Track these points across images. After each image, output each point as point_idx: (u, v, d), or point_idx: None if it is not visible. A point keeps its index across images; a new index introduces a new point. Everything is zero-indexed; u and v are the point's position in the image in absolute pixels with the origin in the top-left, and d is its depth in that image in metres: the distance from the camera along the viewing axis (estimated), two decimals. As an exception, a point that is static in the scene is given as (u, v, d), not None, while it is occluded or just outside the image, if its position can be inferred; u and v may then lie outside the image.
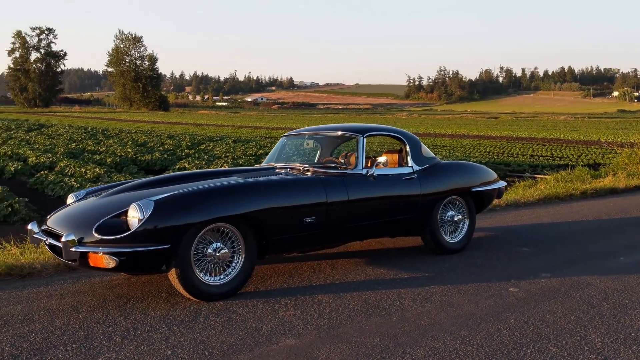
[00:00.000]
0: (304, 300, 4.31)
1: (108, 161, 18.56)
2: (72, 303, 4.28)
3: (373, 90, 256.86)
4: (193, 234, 4.13)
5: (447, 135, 39.14)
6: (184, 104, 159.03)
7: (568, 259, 5.62)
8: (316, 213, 4.72)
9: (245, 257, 4.44)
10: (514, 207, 9.01)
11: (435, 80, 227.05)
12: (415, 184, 5.47)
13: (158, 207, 3.99)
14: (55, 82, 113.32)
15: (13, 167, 16.69)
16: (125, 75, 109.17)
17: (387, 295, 4.46)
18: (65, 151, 21.54)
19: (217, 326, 3.78)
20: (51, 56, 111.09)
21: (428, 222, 5.60)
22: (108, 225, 4.03)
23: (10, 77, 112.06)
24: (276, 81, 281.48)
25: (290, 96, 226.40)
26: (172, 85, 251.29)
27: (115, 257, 3.88)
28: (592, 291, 4.56)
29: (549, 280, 4.85)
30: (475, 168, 6.23)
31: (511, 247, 6.11)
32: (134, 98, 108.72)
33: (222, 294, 4.31)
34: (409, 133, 5.90)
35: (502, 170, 15.79)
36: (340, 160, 5.80)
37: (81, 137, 30.07)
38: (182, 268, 4.09)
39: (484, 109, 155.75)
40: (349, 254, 5.81)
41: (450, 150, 24.91)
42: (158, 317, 3.94)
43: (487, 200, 6.29)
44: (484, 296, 4.43)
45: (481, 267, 5.30)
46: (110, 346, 3.45)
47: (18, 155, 20.74)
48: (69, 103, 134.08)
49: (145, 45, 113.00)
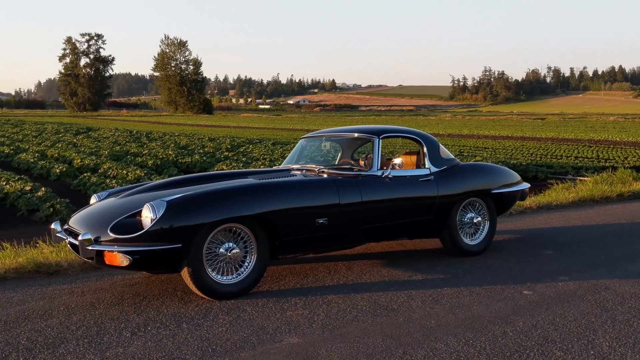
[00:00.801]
0: (313, 300, 4.36)
1: (149, 163, 18.97)
2: (91, 300, 4.45)
3: (416, 92, 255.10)
4: (205, 233, 4.23)
5: (490, 136, 38.51)
6: (227, 107, 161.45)
7: (591, 262, 5.51)
8: (328, 214, 4.77)
9: (257, 258, 4.51)
10: (545, 209, 8.84)
11: (480, 81, 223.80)
12: (432, 186, 5.45)
13: (170, 207, 4.11)
14: (103, 86, 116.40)
15: (59, 169, 17.27)
16: (171, 80, 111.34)
17: (398, 296, 4.47)
18: (109, 154, 22.12)
19: (225, 324, 3.87)
20: (100, 61, 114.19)
21: (446, 224, 5.57)
22: (123, 224, 4.18)
23: (61, 82, 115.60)
24: (318, 83, 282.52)
25: (332, 98, 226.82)
26: (216, 89, 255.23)
27: (129, 255, 4.02)
28: (609, 295, 4.47)
29: (565, 284, 4.77)
30: (495, 169, 6.16)
31: (534, 250, 6.02)
32: (179, 102, 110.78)
33: (234, 292, 4.40)
34: (427, 134, 5.88)
35: (544, 172, 15.46)
36: (360, 162, 5.83)
37: (125, 140, 30.80)
38: (194, 267, 4.20)
39: (531, 109, 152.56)
40: (367, 255, 5.83)
41: (492, 152, 24.53)
42: (170, 315, 4.06)
43: (509, 202, 6.21)
44: (495, 299, 4.39)
45: (499, 270, 5.25)
46: (119, 342, 3.58)
47: (64, 157, 21.40)
48: (117, 107, 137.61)
49: (190, 50, 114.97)
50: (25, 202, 10.85)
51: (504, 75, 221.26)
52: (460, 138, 34.32)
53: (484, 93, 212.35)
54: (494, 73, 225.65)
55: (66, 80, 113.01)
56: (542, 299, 4.38)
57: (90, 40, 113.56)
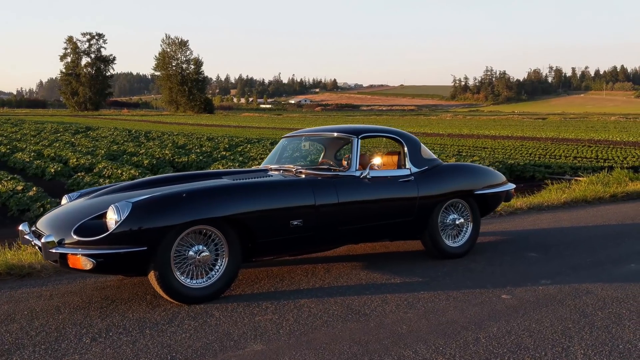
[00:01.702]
0: (285, 305, 4.24)
1: (145, 163, 18.84)
2: (58, 304, 4.33)
3: (418, 91, 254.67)
4: (173, 236, 4.11)
5: (490, 136, 38.32)
6: (228, 107, 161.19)
7: (575, 265, 5.38)
8: (304, 216, 4.65)
9: (229, 260, 4.40)
10: (536, 210, 8.71)
11: (482, 81, 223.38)
12: (412, 186, 5.32)
13: (136, 209, 3.99)
14: (104, 85, 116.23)
15: (53, 168, 17.18)
16: (172, 79, 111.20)
17: (372, 300, 4.34)
18: (106, 153, 22.00)
19: (190, 329, 3.75)
20: (101, 61, 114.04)
21: (427, 225, 5.45)
22: (87, 226, 4.06)
23: (62, 82, 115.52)
24: (320, 83, 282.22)
25: (333, 98, 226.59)
26: (217, 89, 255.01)
27: (92, 258, 3.90)
28: (590, 300, 4.34)
29: (546, 288, 4.64)
30: (478, 170, 6.04)
31: (519, 252, 5.89)
32: (180, 101, 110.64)
33: (204, 297, 4.29)
34: (408, 134, 5.75)
35: (542, 173, 15.29)
36: (343, 162, 5.71)
37: (124, 140, 30.67)
38: (161, 270, 4.08)
39: (532, 109, 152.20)
40: (347, 258, 5.71)
41: (491, 151, 24.34)
42: (135, 320, 3.94)
43: (493, 203, 6.09)
44: (472, 303, 4.27)
45: (480, 273, 5.13)
46: (77, 348, 3.46)
47: (60, 157, 21.29)
48: (118, 106, 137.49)
49: (191, 49, 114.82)
50: (16, 202, 10.75)
51: (506, 75, 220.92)
52: (459, 138, 34.16)
53: (486, 93, 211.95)
54: (496, 73, 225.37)
55: (67, 79, 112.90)
56: (520, 304, 4.25)
57: (91, 39, 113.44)
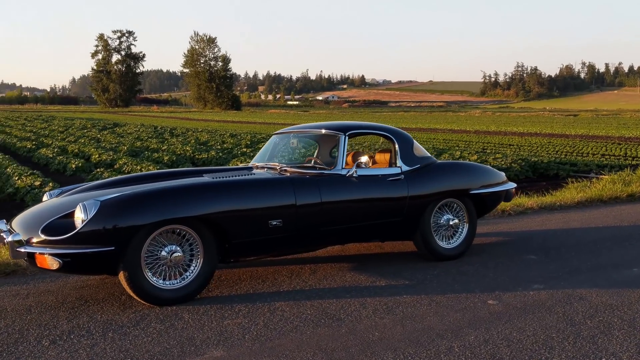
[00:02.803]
0: (259, 308, 4.10)
1: (165, 159, 18.89)
2: (31, 303, 4.25)
3: (447, 87, 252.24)
4: (143, 236, 4.00)
5: (517, 133, 37.61)
6: (256, 104, 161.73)
7: (574, 268, 5.13)
8: (283, 216, 4.49)
9: (204, 261, 4.27)
10: (547, 210, 8.41)
11: (513, 77, 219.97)
12: (401, 186, 5.12)
13: (104, 208, 3.89)
14: (134, 82, 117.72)
15: (75, 164, 17.33)
16: (200, 76, 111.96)
17: (350, 304, 4.17)
18: (129, 149, 22.15)
19: (154, 333, 3.63)
20: (131, 58, 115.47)
21: (419, 226, 5.25)
22: (55, 225, 3.97)
23: (94, 79, 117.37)
24: (348, 79, 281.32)
25: (361, 94, 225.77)
26: (245, 85, 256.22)
27: (59, 258, 3.81)
28: (581, 307, 4.10)
29: (537, 293, 4.41)
30: (475, 168, 5.79)
31: (517, 254, 5.65)
32: (207, 98, 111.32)
33: (177, 298, 4.16)
34: (400, 131, 5.54)
35: (567, 170, 14.86)
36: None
37: (148, 136, 30.86)
38: (130, 271, 3.97)
39: (564, 106, 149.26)
40: (338, 258, 5.54)
41: (516, 148, 23.84)
42: (102, 322, 3.83)
43: (491, 203, 5.85)
44: (454, 309, 4.07)
45: (471, 276, 4.91)
46: (33, 352, 3.36)
47: (84, 153, 21.52)
48: (148, 103, 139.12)
49: (219, 46, 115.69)
50: (32, 197, 10.83)
51: (537, 71, 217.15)
52: (486, 135, 33.59)
53: (516, 89, 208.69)
54: (527, 69, 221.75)
55: (98, 76, 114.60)
56: (506, 310, 4.03)
57: (121, 37, 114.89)
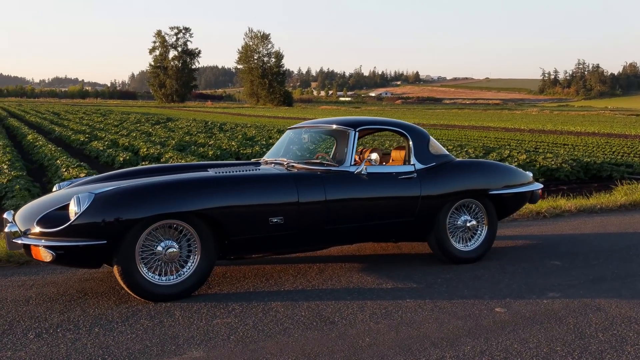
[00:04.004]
0: (253, 307, 3.98)
1: (210, 154, 19.07)
2: (32, 294, 4.26)
3: (504, 85, 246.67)
4: (138, 230, 3.93)
5: (574, 132, 36.26)
6: (308, 100, 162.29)
7: (597, 276, 4.80)
8: (285, 213, 4.35)
9: (202, 258, 4.17)
10: (586, 213, 7.98)
11: (573, 75, 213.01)
12: (413, 184, 4.90)
13: (97, 201, 3.84)
14: (190, 78, 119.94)
15: (122, 157, 17.71)
16: (253, 72, 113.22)
17: (349, 306, 4.00)
18: (176, 143, 22.47)
19: (139, 330, 3.56)
20: (187, 54, 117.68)
21: (433, 227, 5.02)
22: (50, 217, 3.95)
23: (151, 74, 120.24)
24: (401, 76, 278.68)
25: (415, 91, 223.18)
26: (298, 82, 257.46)
27: (52, 250, 3.78)
28: (596, 318, 3.81)
29: (552, 302, 4.13)
30: (495, 167, 5.50)
31: (541, 259, 5.34)
32: (260, 94, 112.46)
33: (172, 295, 4.09)
34: (416, 127, 5.30)
35: (621, 172, 14.13)
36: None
37: (198, 131, 31.29)
38: (124, 265, 3.92)
39: (627, 105, 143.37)
40: (349, 258, 5.36)
41: (571, 148, 22.95)
42: (92, 316, 3.79)
43: (513, 204, 5.54)
44: (457, 316, 3.84)
45: (484, 281, 4.65)
46: (16, 344, 3.34)
47: (133, 146, 21.98)
48: (203, 98, 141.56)
49: (272, 43, 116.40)
50: (77, 189, 11.05)
51: (599, 69, 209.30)
52: (540, 134, 32.49)
53: (577, 87, 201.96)
54: (588, 66, 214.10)
55: (155, 72, 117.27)
56: (512, 319, 3.78)
57: (178, 33, 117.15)
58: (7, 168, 12.27)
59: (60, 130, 26.96)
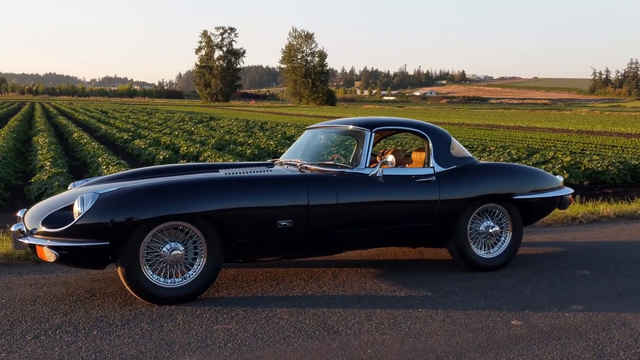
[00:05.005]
0: (258, 313, 3.86)
1: (247, 152, 19.12)
2: (40, 294, 4.25)
3: (553, 85, 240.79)
4: (143, 231, 3.87)
5: (624, 134, 34.94)
6: (351, 99, 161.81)
7: (627, 288, 4.50)
8: (294, 216, 4.22)
9: (208, 260, 4.08)
10: (625, 219, 7.59)
11: (626, 74, 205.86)
12: (432, 188, 4.70)
13: (101, 201, 3.79)
14: (234, 78, 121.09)
15: (162, 155, 17.92)
16: (297, 71, 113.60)
17: (356, 315, 3.84)
18: (216, 142, 22.64)
19: (137, 334, 3.49)
20: (232, 54, 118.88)
21: (453, 232, 4.80)
22: (55, 217, 3.91)
23: (197, 74, 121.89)
24: (447, 75, 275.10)
25: (461, 90, 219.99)
26: (342, 81, 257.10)
27: (55, 251, 3.75)
28: (620, 334, 3.54)
29: (573, 315, 3.87)
30: (521, 171, 5.23)
31: (568, 269, 5.06)
32: (303, 93, 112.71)
33: (177, 297, 4.01)
34: (436, 128, 5.08)
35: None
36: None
37: (238, 130, 31.49)
38: (127, 267, 3.86)
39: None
40: (366, 263, 5.19)
41: (620, 150, 22.12)
42: (94, 318, 3.74)
43: (540, 210, 5.27)
44: (469, 328, 3.63)
45: (504, 291, 4.42)
46: (11, 345, 3.31)
47: (174, 145, 22.24)
48: (247, 98, 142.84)
49: (316, 42, 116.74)
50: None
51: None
52: (589, 135, 31.41)
53: (629, 87, 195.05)
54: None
55: (201, 71, 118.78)
56: (528, 333, 3.56)
57: (224, 33, 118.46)
58: (49, 165, 12.54)
59: (105, 129, 27.50)
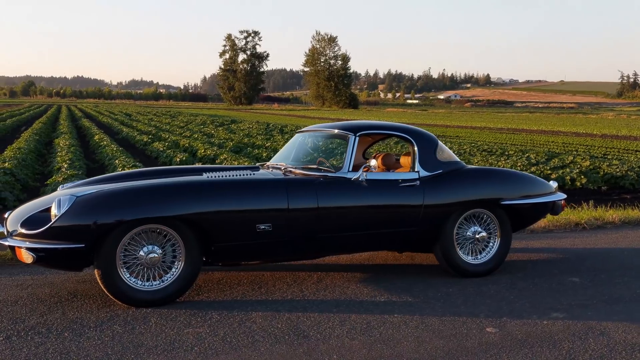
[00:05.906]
0: (232, 317, 3.85)
1: (264, 155, 19.18)
2: (23, 294, 4.30)
3: (579, 88, 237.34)
4: (119, 234, 3.89)
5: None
6: (374, 102, 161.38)
7: (615, 296, 4.40)
8: (272, 220, 4.21)
9: (186, 263, 4.10)
10: (631, 225, 7.43)
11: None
12: (416, 192, 4.65)
13: (77, 204, 3.83)
14: (258, 81, 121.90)
15: (179, 158, 18.08)
16: (320, 75, 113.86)
17: (330, 320, 3.81)
18: (234, 145, 22.76)
19: (107, 336, 3.50)
20: (256, 57, 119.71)
21: (438, 237, 4.75)
22: (33, 219, 3.96)
23: (221, 77, 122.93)
24: (471, 78, 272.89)
25: (485, 94, 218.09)
26: (365, 84, 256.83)
27: (33, 252, 3.80)
28: (596, 343, 3.46)
29: (552, 323, 3.80)
30: (510, 176, 5.15)
31: (559, 276, 4.96)
32: (326, 96, 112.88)
33: (154, 300, 4.03)
34: (422, 132, 5.03)
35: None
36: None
37: (258, 133, 31.60)
38: (104, 269, 3.89)
39: None
40: (353, 267, 5.16)
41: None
42: (68, 320, 3.77)
43: (530, 215, 5.18)
44: (442, 335, 3.58)
45: (487, 297, 4.35)
46: (-18, 345, 3.36)
47: (192, 147, 22.42)
48: (270, 101, 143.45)
49: (339, 45, 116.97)
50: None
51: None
52: (613, 139, 30.84)
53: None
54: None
55: (225, 75, 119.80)
56: (500, 341, 3.49)
57: (247, 37, 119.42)
58: (66, 167, 12.73)
59: (127, 131, 27.80)
